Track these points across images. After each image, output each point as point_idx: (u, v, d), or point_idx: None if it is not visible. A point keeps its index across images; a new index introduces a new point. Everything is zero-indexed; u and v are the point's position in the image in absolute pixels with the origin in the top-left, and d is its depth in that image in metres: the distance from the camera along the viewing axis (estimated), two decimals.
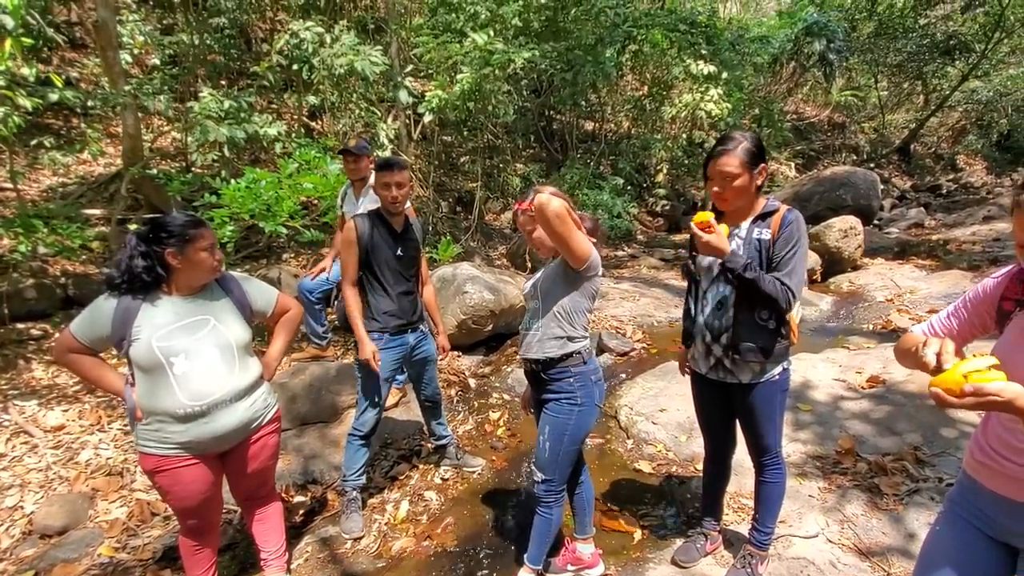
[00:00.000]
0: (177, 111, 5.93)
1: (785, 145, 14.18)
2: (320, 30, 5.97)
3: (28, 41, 3.57)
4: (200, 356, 1.93)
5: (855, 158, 15.67)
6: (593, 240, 2.03)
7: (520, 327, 2.26)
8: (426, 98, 6.55)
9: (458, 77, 6.30)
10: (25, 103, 3.90)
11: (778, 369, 2.03)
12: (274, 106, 7.83)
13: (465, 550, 2.66)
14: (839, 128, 17.07)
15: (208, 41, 6.85)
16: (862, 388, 3.59)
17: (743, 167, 1.87)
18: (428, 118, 6.79)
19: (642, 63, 10.37)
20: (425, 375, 3.04)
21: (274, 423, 2.22)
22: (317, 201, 5.00)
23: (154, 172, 5.26)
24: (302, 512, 3.01)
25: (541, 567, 2.27)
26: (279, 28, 8.21)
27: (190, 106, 5.59)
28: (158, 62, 6.92)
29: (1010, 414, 1.11)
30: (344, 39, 5.95)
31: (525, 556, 2.28)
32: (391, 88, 6.83)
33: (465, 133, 8.71)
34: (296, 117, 7.49)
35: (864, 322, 5.23)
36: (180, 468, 1.96)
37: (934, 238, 8.45)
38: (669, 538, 2.60)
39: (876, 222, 10.04)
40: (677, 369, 2.44)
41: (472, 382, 4.41)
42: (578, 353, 2.10)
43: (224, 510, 2.44)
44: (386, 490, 3.16)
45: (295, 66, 6.18)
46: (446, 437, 3.26)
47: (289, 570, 2.49)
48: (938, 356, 1.14)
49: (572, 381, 2.09)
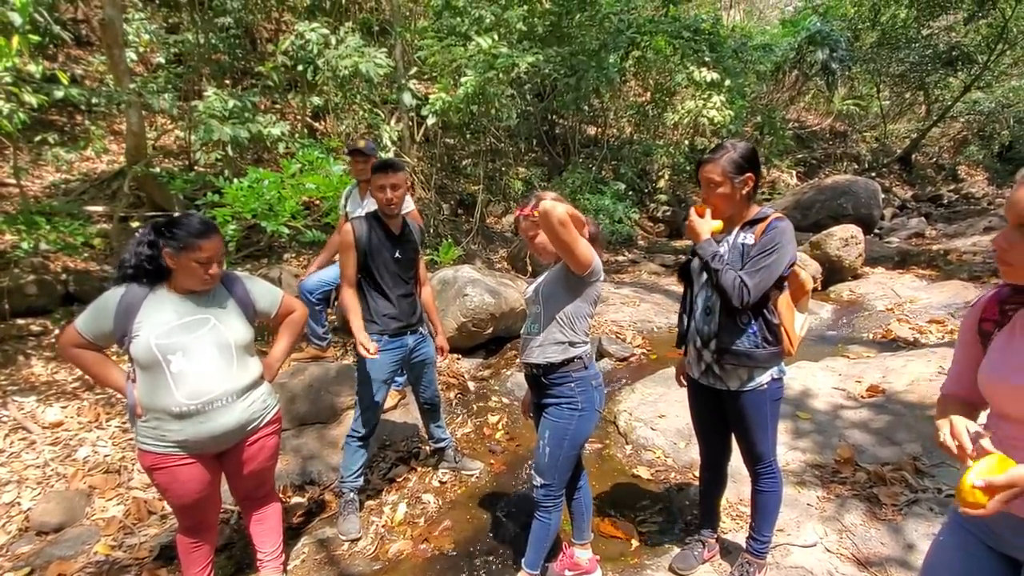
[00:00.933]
0: (181, 110, 5.94)
1: (787, 153, 14.20)
2: (325, 31, 6.01)
3: (35, 38, 3.58)
4: (198, 355, 1.92)
5: (856, 167, 15.69)
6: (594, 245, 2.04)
7: (521, 332, 2.26)
8: (429, 101, 6.57)
9: (462, 80, 6.32)
10: (31, 99, 3.91)
11: (766, 377, 2.01)
12: (278, 106, 7.85)
13: (462, 553, 2.66)
14: (841, 137, 17.10)
15: (213, 40, 6.87)
16: (862, 397, 3.58)
17: (724, 176, 1.93)
18: (431, 120, 6.81)
19: (645, 69, 10.42)
20: (424, 378, 3.04)
21: (273, 424, 2.21)
22: (319, 201, 5.01)
23: (157, 170, 5.28)
24: (299, 513, 3.01)
25: (539, 572, 2.26)
26: (284, 28, 8.25)
27: (194, 105, 5.61)
28: (163, 60, 6.94)
29: None
30: (349, 41, 5.98)
31: (523, 561, 2.27)
32: (395, 90, 6.86)
33: (468, 136, 8.73)
34: (299, 117, 7.50)
35: (864, 331, 5.23)
36: (177, 466, 1.96)
37: (935, 248, 8.45)
38: (667, 545, 2.60)
39: (877, 231, 10.04)
40: (677, 374, 2.43)
41: (471, 385, 4.41)
42: (579, 358, 2.10)
43: (222, 510, 2.43)
44: (384, 492, 3.15)
45: (299, 67, 6.21)
46: (445, 440, 3.26)
47: (285, 571, 2.48)
48: (956, 437, 1.21)
49: (573, 386, 2.09)
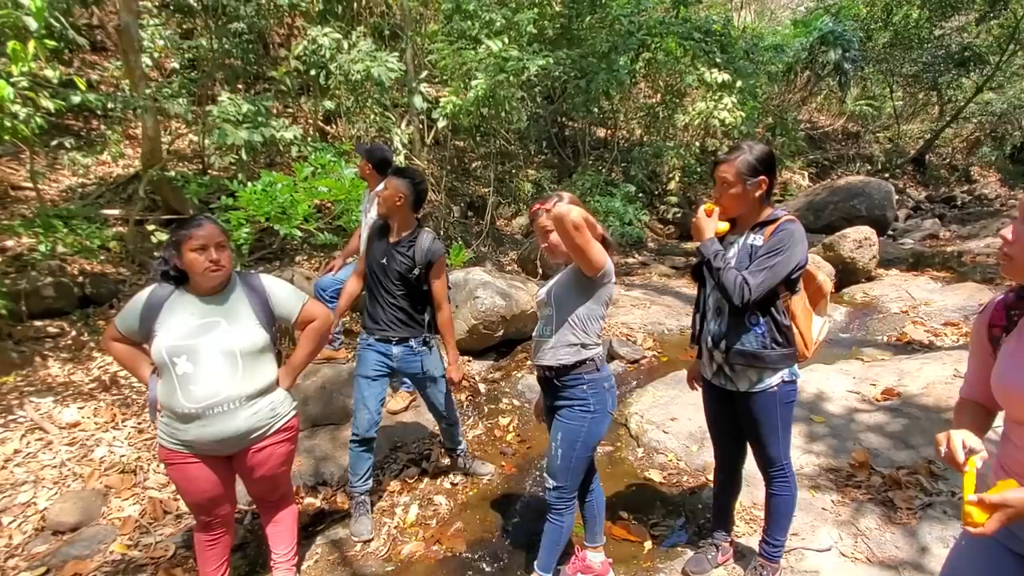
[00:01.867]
0: (196, 114, 6.01)
1: (799, 154, 14.09)
2: (338, 36, 6.06)
3: (51, 43, 3.62)
4: (202, 359, 1.90)
5: (869, 168, 15.53)
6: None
7: (533, 334, 2.26)
8: (440, 104, 6.59)
9: (472, 83, 6.34)
10: (48, 104, 3.97)
11: (776, 379, 1.99)
12: (290, 110, 7.92)
13: (474, 555, 2.66)
14: (853, 138, 16.94)
15: (227, 46, 6.93)
16: (876, 400, 3.55)
17: (738, 177, 1.93)
18: (442, 124, 6.83)
19: (656, 71, 10.37)
20: (427, 394, 2.99)
21: (284, 432, 2.13)
22: (331, 204, 5.04)
23: (172, 174, 5.33)
24: (312, 514, 3.02)
25: (551, 575, 2.25)
26: (296, 33, 8.31)
27: (208, 110, 5.67)
28: (177, 66, 7.03)
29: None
30: (361, 45, 6.03)
31: (535, 563, 2.27)
32: (406, 94, 6.89)
33: (478, 139, 8.75)
34: (312, 121, 7.56)
35: (879, 334, 5.18)
36: (187, 464, 1.99)
37: (949, 249, 8.36)
38: (679, 549, 2.59)
39: (891, 232, 9.94)
40: (688, 378, 2.41)
41: (482, 387, 4.41)
42: (591, 360, 2.10)
43: (236, 510, 2.45)
44: (396, 494, 3.16)
45: (312, 71, 6.25)
46: (458, 444, 3.26)
47: (299, 572, 2.49)
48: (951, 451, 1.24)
49: (585, 388, 2.09)
